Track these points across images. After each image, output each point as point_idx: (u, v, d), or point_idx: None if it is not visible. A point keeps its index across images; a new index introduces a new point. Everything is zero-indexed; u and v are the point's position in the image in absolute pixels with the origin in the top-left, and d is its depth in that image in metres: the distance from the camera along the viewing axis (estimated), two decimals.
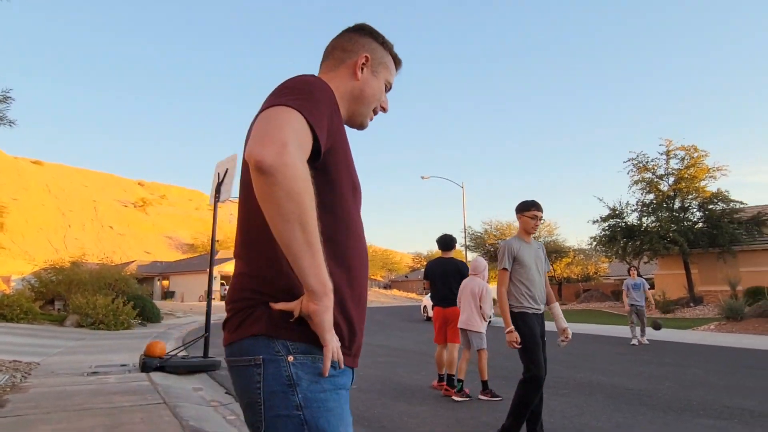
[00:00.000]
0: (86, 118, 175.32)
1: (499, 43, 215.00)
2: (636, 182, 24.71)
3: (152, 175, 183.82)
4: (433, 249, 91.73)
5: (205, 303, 7.99)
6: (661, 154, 24.11)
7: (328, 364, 1.03)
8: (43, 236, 61.74)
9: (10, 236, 55.81)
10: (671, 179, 23.73)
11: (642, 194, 24.76)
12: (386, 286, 71.34)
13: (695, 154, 23.29)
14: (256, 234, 1.11)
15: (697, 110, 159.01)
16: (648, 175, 24.38)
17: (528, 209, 4.03)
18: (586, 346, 11.23)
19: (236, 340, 1.09)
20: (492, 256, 37.37)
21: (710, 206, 22.94)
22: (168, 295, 46.33)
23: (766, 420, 4.79)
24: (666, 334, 13.25)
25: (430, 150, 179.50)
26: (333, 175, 1.13)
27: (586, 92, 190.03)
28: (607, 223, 25.18)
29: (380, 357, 9.56)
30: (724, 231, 21.64)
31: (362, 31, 1.39)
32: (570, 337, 4.06)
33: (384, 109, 1.43)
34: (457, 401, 5.56)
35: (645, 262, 26.21)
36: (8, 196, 59.39)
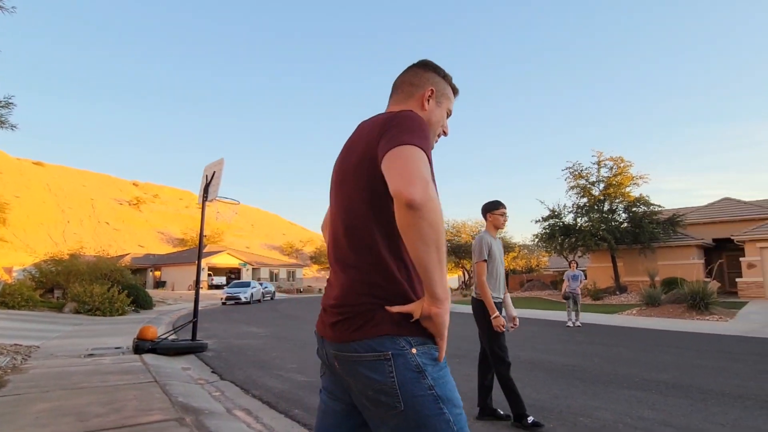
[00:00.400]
0: (85, 124, 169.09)
1: (452, 52, 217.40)
2: (572, 188, 25.32)
3: (146, 177, 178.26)
4: None
5: (194, 291, 7.80)
6: (593, 163, 24.77)
7: (443, 353, 1.18)
8: (43, 231, 59.16)
9: (13, 230, 53.28)
10: (601, 185, 24.38)
11: (577, 198, 25.38)
12: None
13: (622, 164, 24.00)
14: (368, 247, 1.19)
15: (625, 126, 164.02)
16: (582, 181, 24.99)
17: (498, 208, 4.05)
18: (528, 329, 11.45)
19: (359, 339, 1.16)
20: (449, 252, 37.70)
21: (634, 209, 23.67)
22: (160, 284, 45.07)
23: (678, 390, 4.97)
24: (596, 318, 13.63)
25: None
26: None
27: (534, 105, 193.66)
28: (547, 223, 25.68)
29: None
30: (645, 230, 22.40)
31: (426, 66, 1.45)
32: (518, 324, 4.12)
33: (445, 133, 1.50)
34: None
35: (579, 257, 26.83)
36: (11, 193, 56.70)
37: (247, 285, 28.16)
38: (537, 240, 27.09)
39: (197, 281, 7.52)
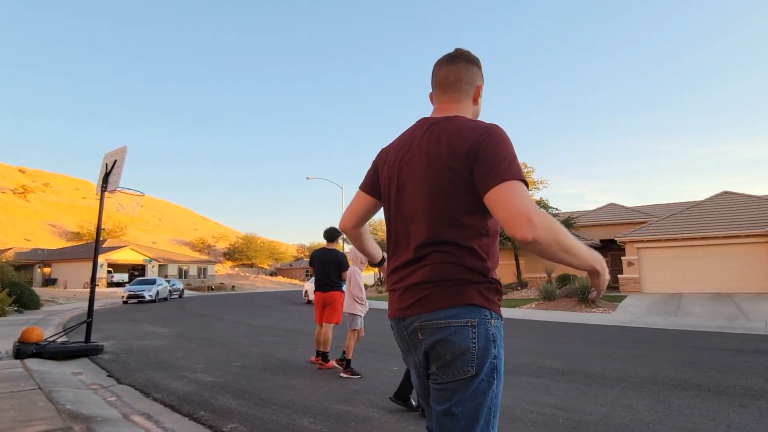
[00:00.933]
0: None
1: (379, 56, 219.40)
2: None
3: (35, 163, 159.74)
4: (315, 240, 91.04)
5: (89, 290, 7.12)
6: None
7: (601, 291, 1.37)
8: None
9: None
10: None
11: None
12: (272, 273, 69.42)
13: (525, 169, 25.84)
14: (457, 236, 1.30)
15: (530, 133, 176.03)
16: None
17: None
18: None
19: (451, 307, 1.27)
20: None
21: None
22: (50, 281, 40.70)
23: (567, 375, 5.43)
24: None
25: (316, 155, 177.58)
26: None
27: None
28: None
29: (264, 337, 9.28)
30: None
31: (473, 61, 1.49)
32: None
33: None
34: (344, 378, 5.35)
35: None
36: None
37: (152, 282, 26.32)
38: None
39: (93, 278, 6.87)
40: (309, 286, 23.33)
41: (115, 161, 7.09)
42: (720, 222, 20.33)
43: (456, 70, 1.46)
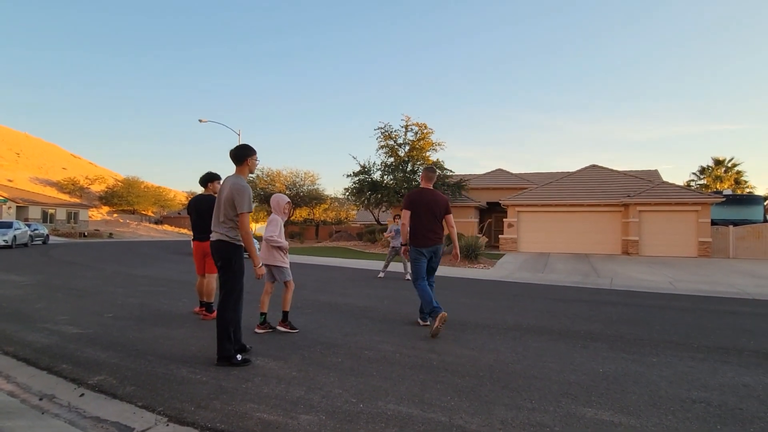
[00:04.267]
0: None
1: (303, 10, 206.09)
2: (382, 147, 27.03)
3: None
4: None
5: None
6: (402, 126, 26.79)
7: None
8: None
9: None
10: (407, 147, 26.62)
11: (385, 157, 27.24)
12: (158, 222, 64.64)
13: (425, 130, 26.50)
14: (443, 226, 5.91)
15: (431, 97, 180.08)
16: (391, 142, 26.85)
17: (254, 153, 4.24)
18: (327, 275, 12.06)
19: (442, 243, 5.85)
20: (262, 200, 36.88)
21: None
22: None
23: (446, 325, 5.86)
24: (392, 267, 15.08)
25: (211, 96, 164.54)
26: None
27: (356, 67, 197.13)
28: (357, 178, 27.07)
29: (143, 287, 8.69)
30: (438, 191, 25.50)
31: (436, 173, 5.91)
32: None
33: None
34: (281, 331, 5.10)
35: (383, 211, 29.15)
36: None
37: (8, 225, 23.05)
38: (347, 194, 28.39)
39: None
40: None
41: None
42: (586, 192, 22.95)
43: (432, 174, 5.78)
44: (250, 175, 4.25)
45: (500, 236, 23.94)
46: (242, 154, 4.09)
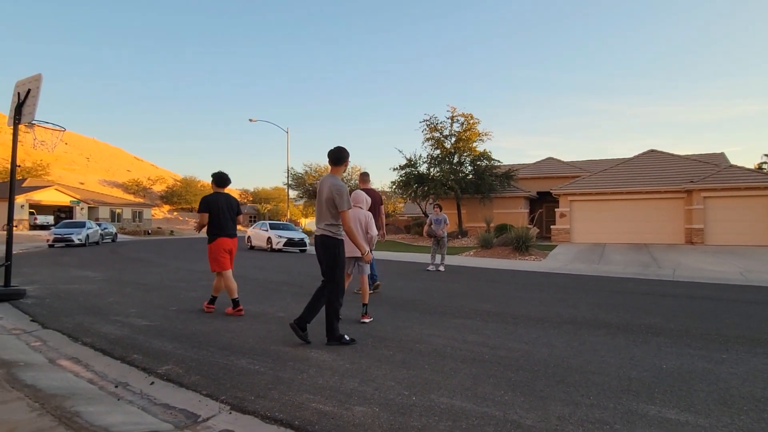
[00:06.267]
0: None
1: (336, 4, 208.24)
2: (428, 139, 26.83)
3: None
4: (259, 185, 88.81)
5: (6, 232, 6.62)
6: (447, 118, 26.44)
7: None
8: None
9: None
10: (453, 139, 26.28)
11: (431, 149, 27.04)
12: None
13: (471, 121, 26.05)
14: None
15: (476, 83, 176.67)
16: (437, 134, 26.60)
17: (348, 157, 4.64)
18: (380, 268, 12.18)
19: None
20: (311, 195, 37.58)
21: (478, 162, 26.10)
22: None
23: (496, 317, 5.80)
24: (449, 259, 15.01)
25: (258, 96, 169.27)
26: None
27: (400, 63, 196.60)
28: (404, 171, 27.03)
29: (203, 282, 9.11)
30: (485, 182, 24.99)
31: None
32: None
33: None
34: (364, 322, 5.34)
35: (430, 203, 28.96)
36: None
37: (81, 225, 24.81)
38: (394, 187, 28.43)
39: (9, 218, 6.35)
40: (252, 231, 23.00)
41: (29, 90, 6.42)
42: (644, 178, 21.78)
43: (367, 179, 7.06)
44: (305, 169, 4.66)
45: (552, 227, 23.22)
46: (342, 157, 4.50)
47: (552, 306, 6.68)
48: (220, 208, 5.89)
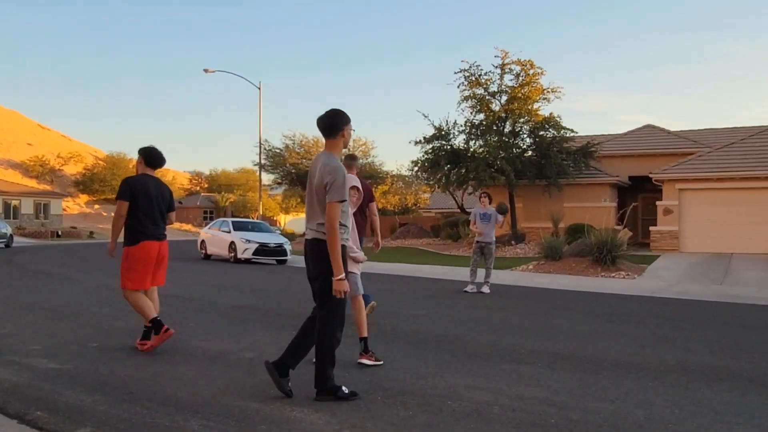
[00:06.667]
0: None
1: None
2: (466, 98, 26.79)
3: None
4: (219, 166, 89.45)
5: None
6: (496, 67, 26.33)
7: None
8: None
9: None
10: (504, 98, 26.19)
11: (472, 113, 27.00)
12: None
13: (531, 71, 25.93)
14: None
15: (535, 20, 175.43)
16: (480, 91, 26.55)
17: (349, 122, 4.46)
18: (390, 287, 12.16)
19: None
20: (294, 180, 37.81)
21: (541, 132, 25.98)
22: None
23: (568, 362, 5.77)
24: (480, 276, 14.97)
25: (218, 37, 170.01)
26: None
27: None
28: (431, 145, 27.00)
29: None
30: (552, 161, 24.77)
31: None
32: None
33: None
34: (364, 364, 5.48)
35: (469, 193, 28.98)
36: None
37: None
38: (416, 169, 28.37)
39: None
40: (208, 234, 23.19)
41: None
42: None
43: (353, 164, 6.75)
44: (285, 143, 4.55)
45: (651, 228, 23.08)
46: (335, 123, 4.35)
47: (651, 346, 6.63)
48: (149, 197, 5.93)
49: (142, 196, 5.87)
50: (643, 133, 30.20)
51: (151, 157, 6.11)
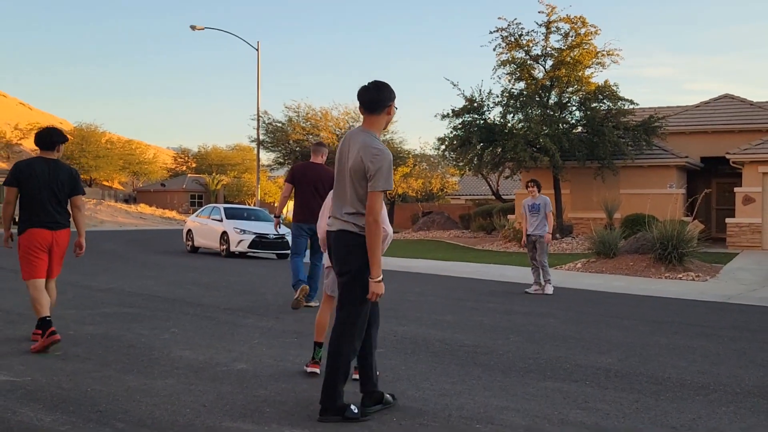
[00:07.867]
0: None
1: None
2: (503, 63, 26.58)
3: None
4: (208, 142, 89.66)
5: None
6: (540, 25, 26.10)
7: None
8: None
9: None
10: (549, 62, 25.96)
11: (510, 81, 26.79)
12: (128, 199, 68.69)
13: (582, 30, 25.63)
14: None
15: None
16: (520, 54, 26.34)
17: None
18: (410, 288, 12.13)
19: None
20: (297, 158, 37.82)
21: (594, 104, 25.72)
22: None
23: (623, 380, 5.71)
24: (521, 275, 14.92)
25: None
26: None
27: None
28: (460, 120, 26.87)
29: (108, 308, 9.27)
30: (606, 139, 24.47)
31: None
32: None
33: None
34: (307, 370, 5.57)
35: (506, 177, 28.86)
36: None
37: None
38: (444, 147, 28.30)
39: None
40: (195, 222, 23.32)
41: None
42: None
43: (322, 150, 9.69)
44: (288, 116, 4.53)
45: (727, 220, 22.84)
46: (383, 98, 4.29)
47: (725, 363, 6.57)
48: (37, 182, 6.17)
49: (27, 181, 6.17)
50: (718, 105, 29.81)
51: (39, 137, 6.34)
